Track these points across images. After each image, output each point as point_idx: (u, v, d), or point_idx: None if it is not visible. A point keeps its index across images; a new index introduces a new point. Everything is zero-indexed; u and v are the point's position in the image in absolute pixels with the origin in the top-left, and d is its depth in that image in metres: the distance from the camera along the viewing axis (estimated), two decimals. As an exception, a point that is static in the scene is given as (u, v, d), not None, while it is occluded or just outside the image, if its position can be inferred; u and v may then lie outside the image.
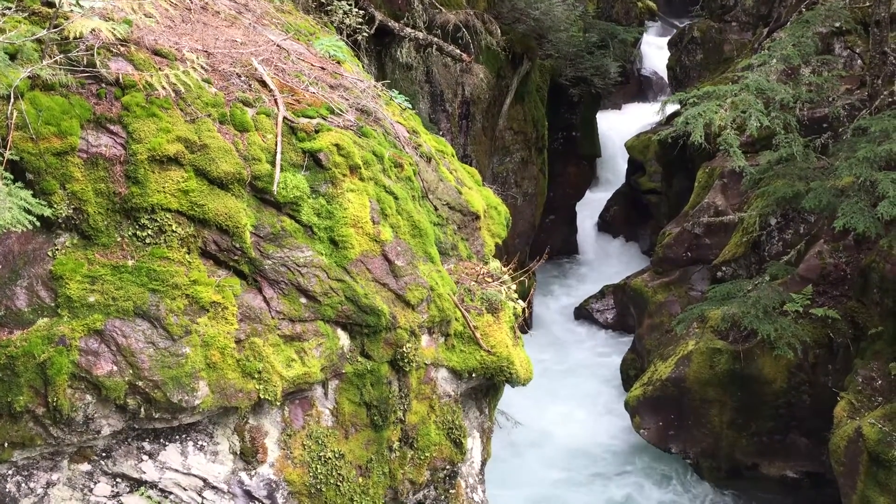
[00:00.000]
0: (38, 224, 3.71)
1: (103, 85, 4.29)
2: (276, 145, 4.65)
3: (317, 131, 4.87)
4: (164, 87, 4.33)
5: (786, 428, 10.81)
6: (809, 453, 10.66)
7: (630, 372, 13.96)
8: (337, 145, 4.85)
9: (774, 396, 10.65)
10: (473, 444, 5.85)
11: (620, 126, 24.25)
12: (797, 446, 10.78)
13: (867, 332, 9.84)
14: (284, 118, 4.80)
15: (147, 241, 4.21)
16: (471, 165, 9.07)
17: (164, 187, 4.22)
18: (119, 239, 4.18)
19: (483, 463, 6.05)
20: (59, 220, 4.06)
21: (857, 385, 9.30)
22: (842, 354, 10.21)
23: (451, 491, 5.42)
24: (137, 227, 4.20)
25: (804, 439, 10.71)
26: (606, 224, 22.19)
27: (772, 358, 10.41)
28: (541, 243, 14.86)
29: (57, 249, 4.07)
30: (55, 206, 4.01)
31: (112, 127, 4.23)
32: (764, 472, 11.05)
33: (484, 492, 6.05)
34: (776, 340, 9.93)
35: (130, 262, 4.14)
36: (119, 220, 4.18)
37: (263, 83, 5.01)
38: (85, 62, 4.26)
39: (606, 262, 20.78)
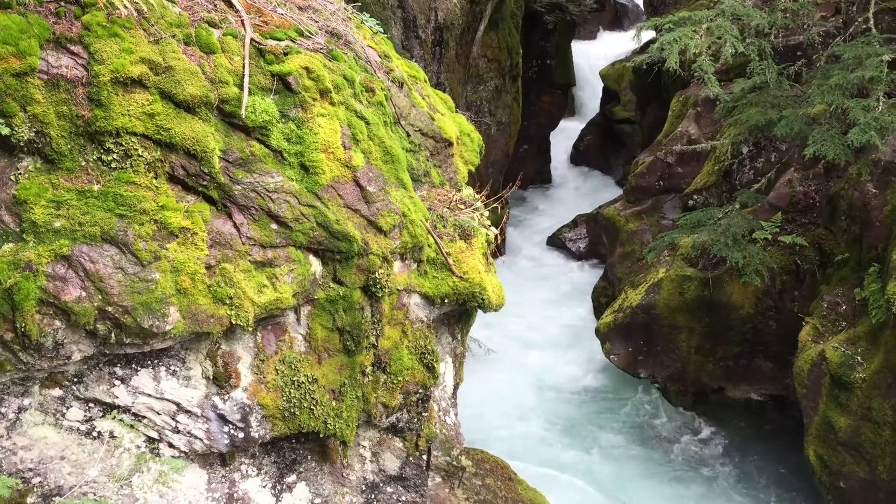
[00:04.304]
0: (-3, 146, 3.62)
1: (62, 3, 4.14)
2: (243, 68, 4.55)
3: (286, 54, 4.76)
4: (125, 6, 4.19)
5: (751, 352, 11.05)
6: (774, 377, 10.93)
7: (601, 299, 14.13)
8: (306, 68, 4.75)
9: (741, 322, 10.85)
10: (446, 368, 5.92)
11: (595, 55, 24.04)
12: (762, 370, 11.04)
13: (833, 258, 10.00)
14: (252, 40, 4.68)
15: (113, 165, 4.13)
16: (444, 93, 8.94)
17: (128, 110, 4.12)
18: (84, 163, 4.09)
19: (455, 387, 6.14)
20: (21, 144, 3.97)
21: (822, 310, 9.49)
22: (808, 280, 10.39)
23: (423, 414, 5.51)
24: (102, 151, 4.11)
25: (769, 363, 10.96)
26: (580, 153, 22.17)
27: (740, 284, 10.58)
28: (514, 172, 14.81)
29: (20, 174, 3.99)
30: (16, 128, 3.91)
31: (73, 47, 4.10)
32: (729, 395, 11.33)
33: (456, 415, 6.16)
34: (744, 267, 10.08)
35: (96, 187, 4.07)
36: (83, 144, 4.09)
37: (229, 3, 4.87)
38: (42, -21, 4.10)
39: (579, 191, 20.85)
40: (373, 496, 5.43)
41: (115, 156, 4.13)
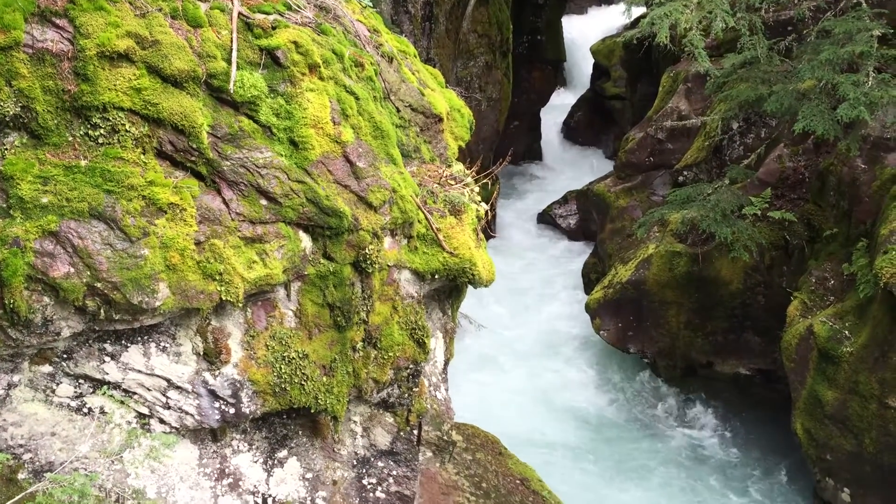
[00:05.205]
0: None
1: (46, -24, 4.09)
2: (231, 42, 4.51)
3: (274, 28, 4.72)
4: (111, -21, 4.14)
5: (740, 327, 11.12)
6: (762, 351, 11.00)
7: (591, 276, 14.17)
8: (295, 43, 4.72)
9: (730, 297, 10.90)
10: (436, 344, 5.94)
11: (586, 30, 23.92)
12: (750, 345, 11.11)
13: (822, 233, 10.04)
14: (240, 13, 4.64)
15: (100, 140, 4.10)
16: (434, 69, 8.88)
17: (115, 85, 4.09)
18: (71, 138, 4.06)
19: (446, 363, 6.16)
20: (7, 119, 3.93)
21: (811, 285, 9.54)
22: (797, 256, 10.44)
23: (414, 389, 5.53)
24: (89, 126, 4.08)
25: (757, 338, 11.03)
26: (570, 130, 22.11)
27: (729, 260, 10.61)
28: (504, 149, 14.74)
29: (6, 149, 3.95)
30: (1, 103, 3.87)
31: (58, 21, 4.05)
32: (718, 369, 11.41)
33: (447, 390, 6.19)
34: (733, 243, 10.11)
35: (83, 163, 4.04)
36: (70, 119, 4.06)
37: (216, -24, 4.81)
38: (25, -49, 4.04)
39: (570, 167, 20.81)
40: (364, 470, 5.47)
41: (102, 131, 4.10)
